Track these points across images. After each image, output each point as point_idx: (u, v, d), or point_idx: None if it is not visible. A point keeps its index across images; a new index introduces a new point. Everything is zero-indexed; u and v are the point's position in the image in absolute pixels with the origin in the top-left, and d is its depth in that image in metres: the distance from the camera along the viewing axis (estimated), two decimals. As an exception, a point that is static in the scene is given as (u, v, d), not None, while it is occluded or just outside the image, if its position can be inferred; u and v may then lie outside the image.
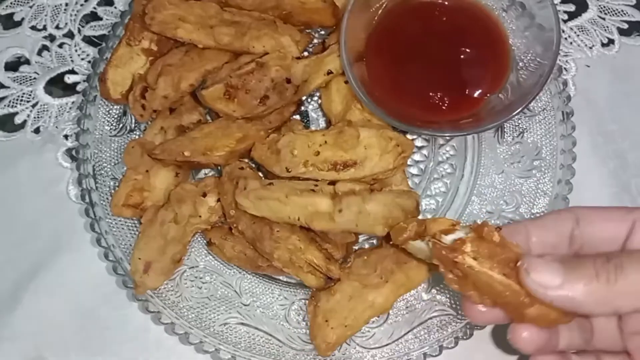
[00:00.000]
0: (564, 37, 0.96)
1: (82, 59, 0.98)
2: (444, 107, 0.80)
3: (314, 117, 0.90)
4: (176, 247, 0.79)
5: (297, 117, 0.88)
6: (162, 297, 0.80)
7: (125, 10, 0.92)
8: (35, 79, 0.98)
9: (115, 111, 0.89)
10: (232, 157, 0.81)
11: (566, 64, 0.95)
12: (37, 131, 0.95)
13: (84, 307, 0.86)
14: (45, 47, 1.00)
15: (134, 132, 0.88)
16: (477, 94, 0.81)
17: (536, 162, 0.84)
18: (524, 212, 0.83)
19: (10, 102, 0.97)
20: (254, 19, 0.84)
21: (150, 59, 0.86)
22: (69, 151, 0.93)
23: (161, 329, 0.83)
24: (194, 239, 0.83)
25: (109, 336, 0.85)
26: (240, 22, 0.83)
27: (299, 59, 0.82)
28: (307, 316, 0.78)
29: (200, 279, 0.82)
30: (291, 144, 0.77)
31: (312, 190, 0.75)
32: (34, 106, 0.96)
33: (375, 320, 0.78)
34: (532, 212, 0.82)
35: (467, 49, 0.82)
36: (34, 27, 1.01)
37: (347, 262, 0.78)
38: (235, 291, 0.82)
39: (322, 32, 0.90)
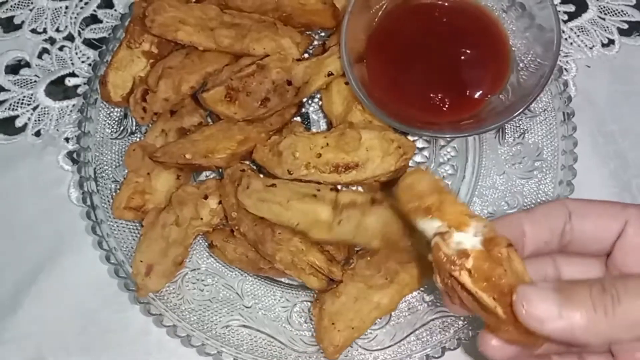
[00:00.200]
0: (564, 38, 0.96)
1: (82, 62, 0.98)
2: (445, 108, 0.80)
3: (315, 118, 0.90)
4: (178, 250, 0.79)
5: (298, 119, 0.88)
6: (164, 300, 0.80)
7: (125, 12, 0.92)
8: (35, 82, 0.98)
9: (116, 114, 0.89)
10: (233, 159, 0.81)
11: (566, 65, 0.94)
12: (37, 134, 0.95)
13: (85, 310, 0.86)
14: (45, 50, 0.99)
15: (135, 135, 0.88)
16: (477, 95, 0.81)
17: (537, 163, 0.84)
18: (525, 213, 0.83)
19: (10, 105, 0.96)
20: (254, 21, 0.84)
21: (150, 61, 0.86)
22: (70, 154, 0.93)
23: (162, 332, 0.83)
24: (196, 242, 0.83)
25: (110, 339, 0.85)
26: (240, 24, 0.83)
27: (299, 60, 0.82)
28: (311, 319, 0.78)
29: (202, 281, 0.82)
30: (293, 146, 0.77)
31: (314, 195, 0.75)
32: (34, 109, 0.96)
33: (377, 322, 0.77)
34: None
35: (467, 50, 0.81)
36: (34, 30, 1.01)
37: (350, 264, 0.77)
38: (237, 293, 0.82)
39: (322, 34, 0.90)
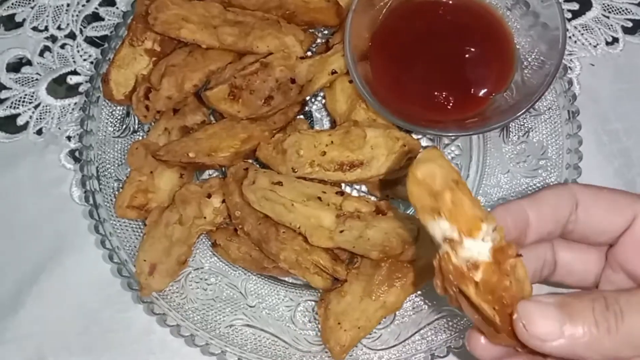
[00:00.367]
0: (568, 36, 0.96)
1: (84, 60, 0.98)
2: (449, 107, 0.80)
3: (318, 117, 0.89)
4: (181, 249, 0.79)
5: (302, 117, 0.87)
6: (168, 299, 0.80)
7: (127, 10, 0.91)
8: (37, 80, 0.97)
9: (118, 112, 0.88)
10: (236, 157, 0.80)
11: (570, 63, 0.94)
12: (39, 132, 0.94)
13: (87, 309, 0.85)
14: (47, 48, 0.99)
15: (138, 133, 0.88)
16: (482, 94, 0.81)
17: (542, 162, 0.83)
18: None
19: (12, 103, 0.96)
20: (257, 19, 0.83)
21: (153, 59, 0.85)
22: (72, 152, 0.93)
23: (166, 331, 0.82)
24: (199, 241, 0.82)
25: (112, 338, 0.84)
26: (243, 22, 0.83)
27: (303, 58, 0.82)
28: (315, 318, 0.78)
29: (205, 280, 0.82)
30: (297, 144, 0.76)
31: (319, 198, 0.74)
32: (36, 107, 0.96)
33: (382, 321, 0.77)
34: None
35: (471, 48, 0.81)
36: (35, 28, 1.00)
37: (354, 263, 0.77)
38: (240, 293, 0.81)
39: (326, 32, 0.90)
